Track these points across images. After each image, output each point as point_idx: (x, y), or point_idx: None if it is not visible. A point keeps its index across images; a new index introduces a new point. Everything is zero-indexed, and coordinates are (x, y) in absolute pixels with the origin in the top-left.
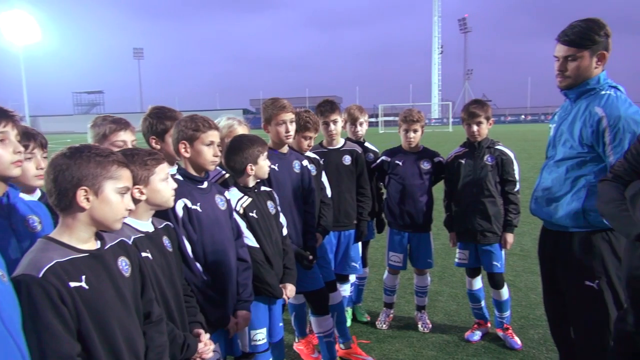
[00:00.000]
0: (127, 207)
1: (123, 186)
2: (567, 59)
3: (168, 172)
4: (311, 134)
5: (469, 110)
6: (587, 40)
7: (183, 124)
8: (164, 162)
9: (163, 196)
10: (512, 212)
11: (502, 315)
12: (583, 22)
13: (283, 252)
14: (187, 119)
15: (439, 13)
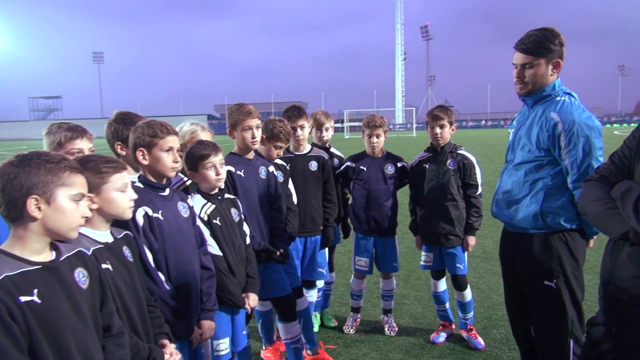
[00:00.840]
0: (83, 214)
1: (77, 193)
2: (524, 67)
3: (127, 181)
4: (283, 144)
5: (433, 114)
6: (543, 48)
7: (140, 130)
8: (122, 170)
9: (118, 207)
10: (473, 215)
11: (466, 317)
12: (539, 32)
13: (246, 261)
14: (143, 124)
15: (402, 20)
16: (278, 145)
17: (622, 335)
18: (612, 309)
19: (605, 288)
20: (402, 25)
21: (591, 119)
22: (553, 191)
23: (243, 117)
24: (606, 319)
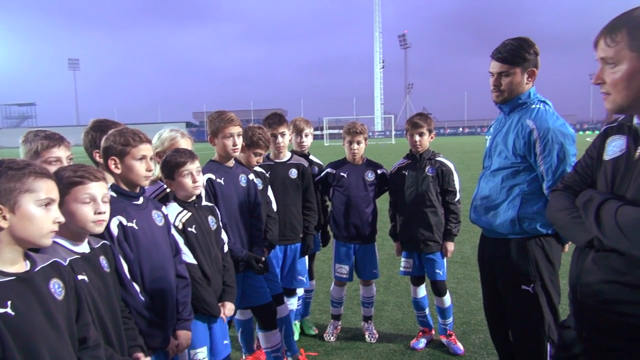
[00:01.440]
0: (56, 219)
1: (45, 197)
2: (501, 75)
3: (93, 193)
4: (262, 151)
5: (413, 122)
6: (518, 57)
7: (112, 138)
8: (92, 182)
9: (79, 219)
10: (452, 221)
11: (445, 322)
12: (515, 41)
13: (223, 269)
14: (115, 133)
15: (380, 29)
16: (257, 153)
17: (592, 339)
18: (582, 313)
19: (573, 293)
20: (380, 33)
21: (565, 127)
22: (529, 197)
23: (224, 124)
24: (576, 323)
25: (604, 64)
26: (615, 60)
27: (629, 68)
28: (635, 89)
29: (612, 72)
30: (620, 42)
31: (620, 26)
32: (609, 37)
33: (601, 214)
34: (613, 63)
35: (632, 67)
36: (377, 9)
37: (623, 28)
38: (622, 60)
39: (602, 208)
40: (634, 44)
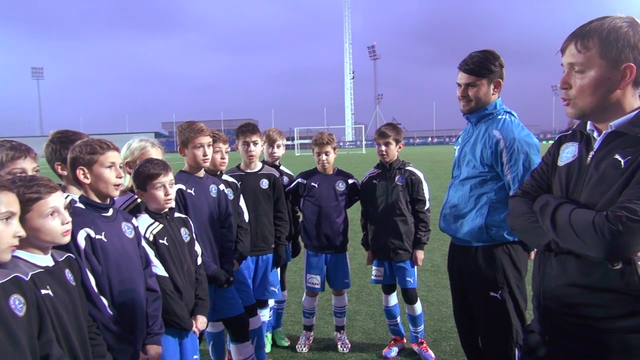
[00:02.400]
0: (16, 234)
1: (5, 211)
2: (468, 86)
3: (56, 205)
4: (221, 144)
5: (380, 131)
6: (485, 69)
7: (78, 149)
8: (50, 194)
9: (47, 234)
10: (422, 229)
11: (417, 330)
12: (481, 53)
13: (196, 282)
14: (81, 143)
15: (350, 40)
16: (217, 148)
17: (555, 343)
18: (545, 317)
19: (537, 298)
20: (350, 45)
21: (530, 137)
22: (497, 205)
23: (194, 134)
24: (540, 327)
25: (571, 69)
26: (584, 67)
27: (597, 75)
28: (600, 96)
29: (580, 78)
30: (591, 48)
31: (592, 34)
32: (579, 43)
33: (556, 217)
34: (582, 69)
35: (600, 74)
36: (347, 21)
37: (595, 36)
38: (592, 67)
39: (557, 211)
40: (604, 53)
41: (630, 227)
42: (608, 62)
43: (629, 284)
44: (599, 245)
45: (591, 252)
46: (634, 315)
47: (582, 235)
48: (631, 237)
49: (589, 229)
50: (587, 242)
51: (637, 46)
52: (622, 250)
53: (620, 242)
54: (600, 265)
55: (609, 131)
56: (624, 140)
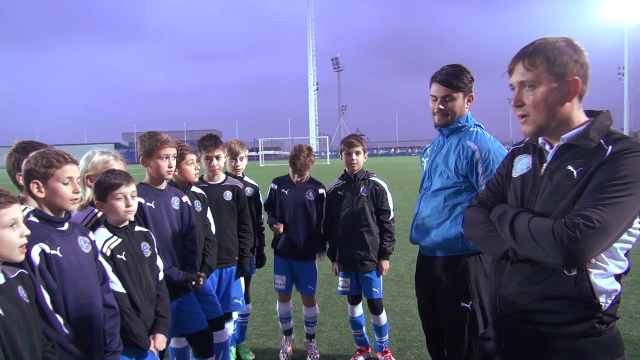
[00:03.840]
0: (22, 234)
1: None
2: (445, 99)
3: (16, 216)
4: (193, 156)
5: (348, 141)
6: (461, 82)
7: (33, 161)
8: (9, 205)
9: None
10: (386, 239)
11: (382, 340)
12: (455, 67)
13: (157, 298)
14: (36, 155)
15: (314, 52)
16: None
17: (511, 349)
18: (500, 324)
19: (492, 305)
20: (314, 56)
21: (502, 148)
22: None
23: (160, 145)
24: (496, 334)
25: (522, 87)
26: (535, 83)
27: (547, 89)
28: (551, 109)
29: (532, 94)
30: (539, 65)
31: (538, 52)
32: (527, 62)
33: (515, 226)
34: (533, 85)
35: (549, 89)
36: (311, 33)
37: (540, 54)
38: (541, 82)
39: (516, 220)
40: (550, 68)
41: (586, 233)
42: (555, 76)
43: (581, 290)
44: (557, 251)
45: (550, 258)
46: (585, 321)
47: (542, 242)
48: (588, 243)
49: (548, 236)
50: (546, 248)
51: (578, 61)
52: (579, 256)
53: (577, 248)
54: (554, 272)
55: (561, 144)
56: (575, 152)
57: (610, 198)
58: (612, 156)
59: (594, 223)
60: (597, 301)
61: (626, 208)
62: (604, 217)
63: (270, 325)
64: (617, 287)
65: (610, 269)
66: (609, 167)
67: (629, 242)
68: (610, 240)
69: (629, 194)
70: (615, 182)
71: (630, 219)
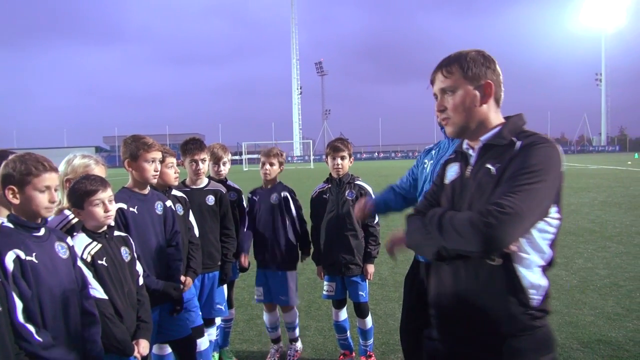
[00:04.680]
0: None
1: None
2: None
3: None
4: (173, 159)
5: (334, 145)
6: None
7: (11, 165)
8: None
9: None
10: (371, 243)
11: (366, 343)
12: None
13: (138, 303)
14: (15, 159)
15: (297, 56)
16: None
17: (452, 348)
18: (442, 324)
19: (433, 306)
20: (297, 60)
21: None
22: None
23: (147, 148)
24: (438, 334)
25: (443, 93)
26: (453, 88)
27: (464, 93)
28: (470, 110)
29: (452, 98)
30: (455, 73)
31: (453, 62)
32: (445, 70)
33: (442, 222)
34: (451, 91)
35: (466, 92)
36: (294, 37)
37: (455, 63)
38: (459, 87)
39: (442, 218)
40: (466, 74)
41: (500, 219)
42: (470, 81)
43: (512, 285)
44: (475, 238)
45: (470, 246)
46: (517, 317)
47: (462, 232)
48: (502, 228)
49: (466, 225)
50: (466, 237)
51: (490, 67)
52: (496, 241)
53: (492, 233)
54: (484, 266)
55: (480, 145)
56: (493, 152)
57: (520, 185)
58: (522, 149)
59: (505, 209)
60: (528, 296)
61: (537, 194)
62: (515, 203)
63: (254, 330)
64: (545, 282)
65: (534, 259)
66: (519, 159)
67: (549, 232)
68: (525, 225)
69: (538, 180)
70: (524, 171)
71: (544, 206)
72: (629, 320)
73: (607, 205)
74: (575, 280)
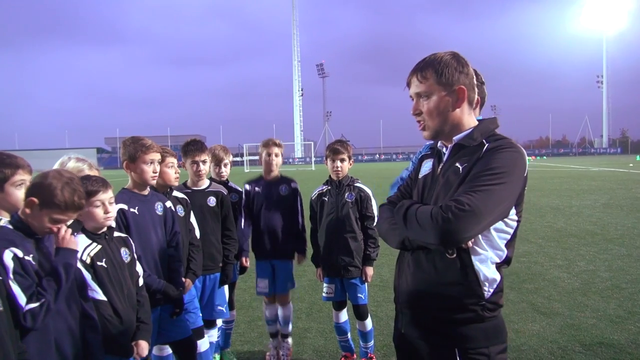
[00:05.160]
0: None
1: None
2: None
3: None
4: (173, 159)
5: (334, 148)
6: None
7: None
8: None
9: None
10: (370, 246)
11: (367, 345)
12: None
13: (138, 304)
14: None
15: (299, 58)
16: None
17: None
18: (402, 312)
19: (396, 294)
20: (299, 62)
21: None
22: None
23: (146, 150)
24: (400, 323)
25: (418, 97)
26: (427, 93)
27: (438, 98)
28: (444, 115)
29: (427, 103)
30: (429, 78)
31: (428, 66)
32: (419, 75)
33: (407, 214)
34: (426, 96)
35: (440, 98)
36: (295, 39)
37: (430, 68)
38: (433, 92)
39: (409, 210)
40: (439, 80)
41: (457, 215)
42: (444, 86)
43: (467, 276)
44: (433, 231)
45: (429, 239)
46: (470, 307)
47: (423, 224)
48: (458, 224)
49: (427, 218)
50: (426, 229)
51: (463, 72)
52: (452, 236)
53: (450, 228)
54: (443, 258)
55: (452, 145)
56: (463, 152)
57: (481, 186)
58: (487, 152)
59: (464, 206)
60: (481, 288)
61: (496, 195)
62: (473, 202)
63: (255, 332)
64: (498, 277)
65: (490, 256)
66: (483, 160)
67: (506, 232)
68: (482, 224)
69: (499, 182)
70: (486, 173)
71: (503, 207)
72: (631, 322)
73: (609, 207)
74: (577, 283)
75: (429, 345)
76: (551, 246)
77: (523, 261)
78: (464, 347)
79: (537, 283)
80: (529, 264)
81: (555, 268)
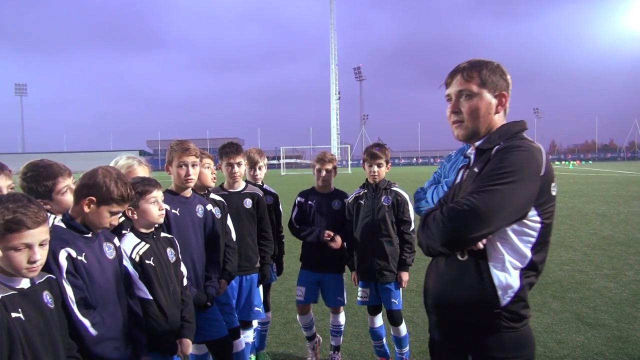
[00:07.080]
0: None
1: None
2: None
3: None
4: (210, 160)
5: (372, 152)
6: None
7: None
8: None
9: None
10: (406, 251)
11: (402, 351)
12: None
13: (182, 303)
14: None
15: (336, 62)
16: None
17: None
18: (429, 314)
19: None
20: (336, 66)
21: None
22: None
23: (180, 152)
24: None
25: (459, 96)
26: (471, 93)
27: (481, 99)
28: (484, 117)
29: (469, 102)
30: (475, 78)
31: (474, 68)
32: (465, 74)
33: (425, 220)
34: (469, 95)
35: (484, 99)
36: (333, 43)
37: (476, 70)
38: (478, 93)
39: (427, 216)
40: (485, 82)
41: (456, 215)
42: (488, 90)
43: (481, 280)
44: (437, 233)
45: (435, 240)
46: (484, 313)
47: (430, 227)
48: (457, 223)
49: (433, 222)
50: (433, 232)
51: (505, 80)
52: (452, 236)
53: (449, 228)
54: (457, 262)
55: (475, 150)
56: (484, 155)
57: (485, 186)
58: (497, 153)
59: (462, 206)
60: (495, 293)
61: (501, 195)
62: (473, 202)
63: (291, 334)
64: (516, 284)
65: (509, 259)
66: (493, 161)
67: (529, 235)
68: (488, 224)
69: (505, 182)
70: (492, 173)
71: (514, 207)
72: None
73: None
74: (625, 294)
75: (448, 349)
76: (597, 254)
77: (567, 269)
78: (477, 354)
79: (581, 292)
80: (572, 272)
81: (602, 277)
